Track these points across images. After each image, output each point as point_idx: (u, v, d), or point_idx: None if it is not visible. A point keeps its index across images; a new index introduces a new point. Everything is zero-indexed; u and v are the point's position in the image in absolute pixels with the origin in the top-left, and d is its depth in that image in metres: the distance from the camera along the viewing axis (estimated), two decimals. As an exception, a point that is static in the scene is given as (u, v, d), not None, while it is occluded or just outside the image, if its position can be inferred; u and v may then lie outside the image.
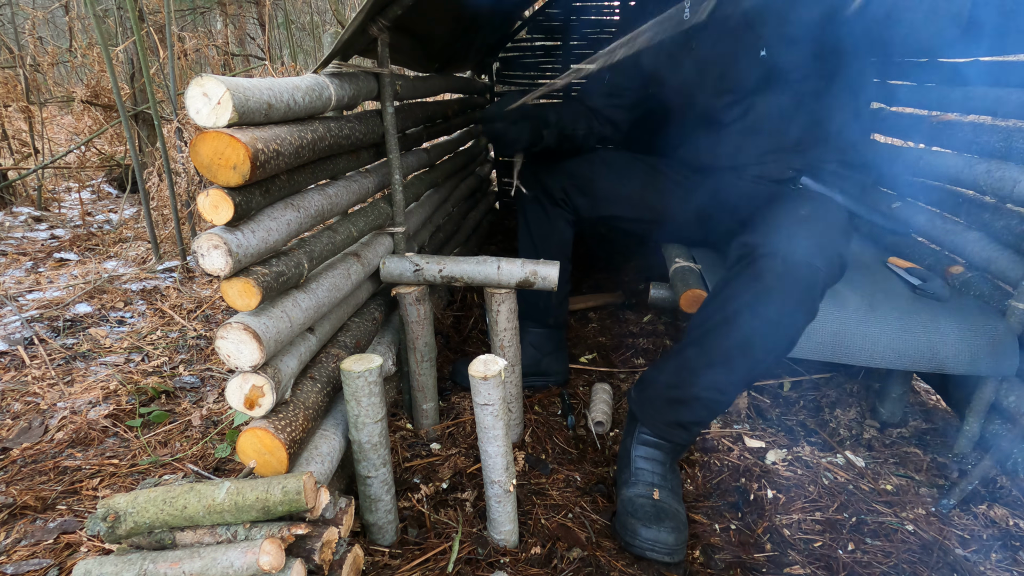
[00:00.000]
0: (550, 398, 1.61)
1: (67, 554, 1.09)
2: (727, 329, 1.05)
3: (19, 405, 1.56)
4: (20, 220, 3.11)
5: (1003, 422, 1.27)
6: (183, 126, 2.48)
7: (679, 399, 1.11)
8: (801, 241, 1.02)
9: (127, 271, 2.47)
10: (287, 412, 0.95)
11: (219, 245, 0.81)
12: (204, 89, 0.79)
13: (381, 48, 1.27)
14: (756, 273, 1.02)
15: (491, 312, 1.31)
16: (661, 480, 1.13)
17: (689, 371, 1.10)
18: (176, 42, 3.21)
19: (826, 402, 1.54)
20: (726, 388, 1.08)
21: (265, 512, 0.83)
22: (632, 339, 1.92)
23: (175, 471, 1.32)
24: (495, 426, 1.00)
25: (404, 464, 1.32)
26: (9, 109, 3.84)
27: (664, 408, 1.13)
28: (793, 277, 1.00)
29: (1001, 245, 1.29)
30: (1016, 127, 1.23)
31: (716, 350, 1.06)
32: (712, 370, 1.07)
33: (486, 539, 1.10)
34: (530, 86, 3.04)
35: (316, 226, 1.13)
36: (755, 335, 1.03)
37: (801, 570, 1.05)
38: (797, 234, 1.04)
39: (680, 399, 1.11)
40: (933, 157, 1.51)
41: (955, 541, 1.10)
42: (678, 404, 1.12)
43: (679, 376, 1.11)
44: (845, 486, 1.25)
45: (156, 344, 1.90)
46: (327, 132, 1.09)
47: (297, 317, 0.97)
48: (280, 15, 5.49)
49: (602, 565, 1.05)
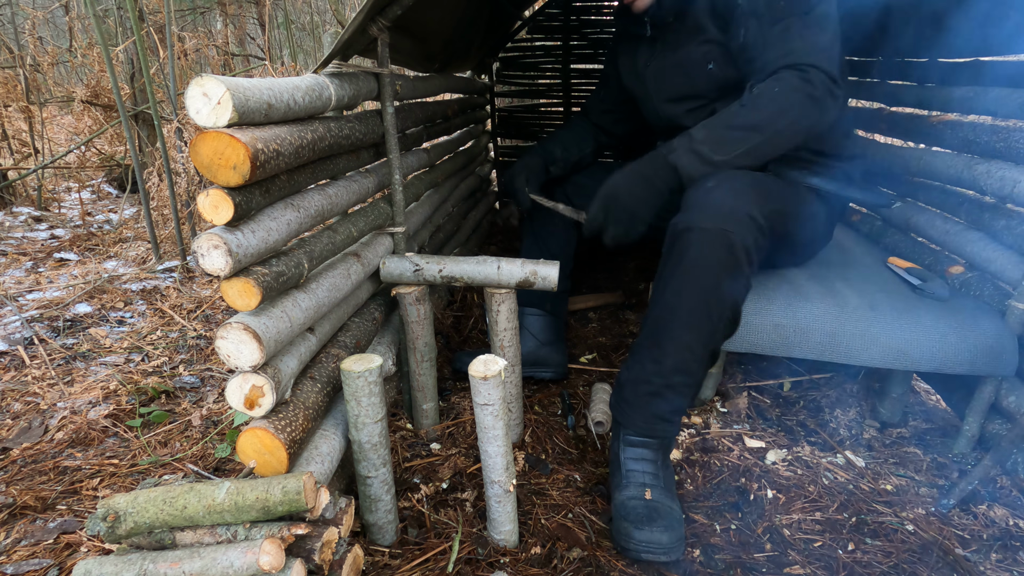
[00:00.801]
0: (550, 398, 1.61)
1: (67, 554, 1.09)
2: (670, 310, 1.10)
3: (19, 405, 1.56)
4: (20, 220, 3.11)
5: (1003, 422, 1.27)
6: (183, 126, 2.48)
7: (652, 392, 1.13)
8: (710, 211, 1.08)
9: (127, 271, 2.47)
10: (287, 412, 0.95)
11: (219, 245, 0.81)
12: (204, 89, 0.79)
13: (381, 48, 1.27)
14: (680, 251, 1.09)
15: (491, 312, 1.31)
16: (652, 479, 1.13)
17: (652, 362, 1.13)
18: (176, 42, 3.21)
19: (826, 402, 1.54)
20: (689, 368, 1.12)
21: (265, 512, 0.83)
22: (632, 339, 1.92)
23: (175, 471, 1.32)
24: (495, 426, 1.00)
25: (404, 464, 1.32)
26: (9, 109, 3.84)
27: (641, 405, 1.15)
28: (710, 245, 1.06)
29: (1001, 245, 1.29)
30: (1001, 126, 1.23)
31: (667, 334, 1.10)
32: (670, 355, 1.11)
33: (486, 539, 1.10)
34: (530, 86, 3.04)
35: (316, 226, 1.13)
36: (695, 310, 1.08)
37: (801, 570, 1.05)
38: (706, 205, 1.09)
39: (652, 392, 1.13)
40: (933, 157, 1.51)
41: (955, 541, 1.10)
42: (652, 397, 1.13)
43: (644, 369, 1.14)
44: (845, 486, 1.25)
45: (156, 344, 1.90)
46: (327, 132, 1.09)
47: (297, 317, 0.97)
48: (280, 15, 5.49)
49: (602, 565, 1.05)
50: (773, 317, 1.25)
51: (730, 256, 1.06)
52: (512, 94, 3.26)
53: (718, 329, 1.11)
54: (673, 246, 1.11)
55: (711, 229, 1.06)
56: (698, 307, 1.08)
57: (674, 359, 1.11)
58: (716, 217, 1.07)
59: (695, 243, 1.07)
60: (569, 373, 1.70)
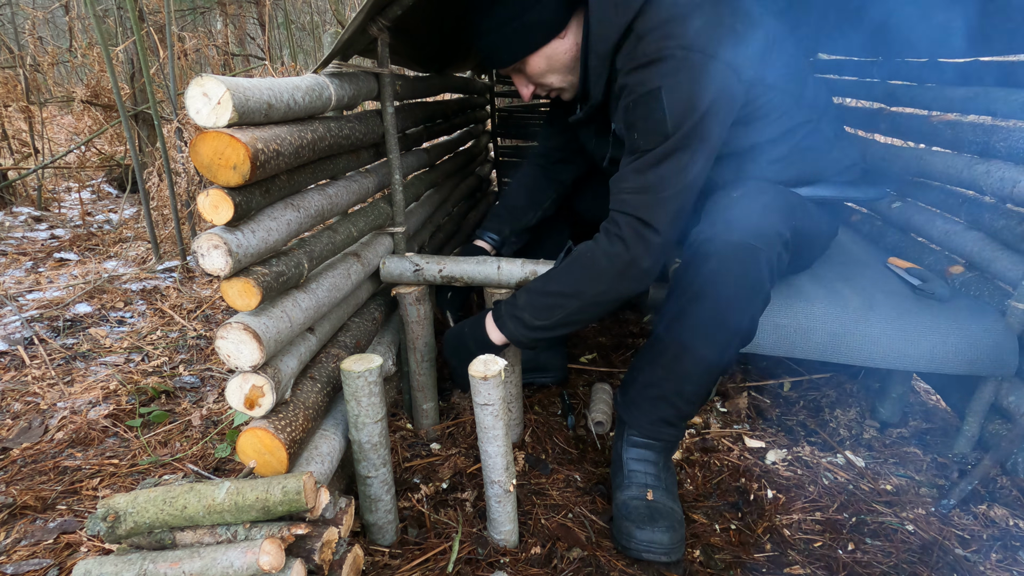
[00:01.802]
0: (550, 398, 1.61)
1: (67, 554, 1.09)
2: (686, 320, 1.07)
3: (19, 405, 1.56)
4: (20, 220, 3.11)
5: (1003, 422, 1.27)
6: (183, 126, 2.48)
7: (659, 396, 1.12)
8: (737, 223, 1.05)
9: (127, 271, 2.47)
10: (287, 412, 0.95)
11: (219, 245, 0.81)
12: (204, 89, 0.79)
13: (381, 48, 1.27)
14: (701, 261, 1.05)
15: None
16: (655, 480, 1.13)
17: (662, 367, 1.11)
18: (176, 42, 3.21)
19: (826, 402, 1.54)
20: (700, 378, 1.10)
21: (265, 512, 0.83)
22: (632, 339, 1.92)
23: (175, 471, 1.32)
24: (495, 426, 1.00)
25: (404, 464, 1.32)
26: (9, 109, 3.84)
27: (647, 407, 1.14)
28: (734, 259, 1.03)
29: (1001, 245, 1.29)
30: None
31: (680, 342, 1.08)
32: (681, 363, 1.09)
33: (486, 539, 1.10)
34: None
35: (316, 226, 1.13)
36: (712, 321, 1.06)
37: (801, 570, 1.05)
38: (733, 217, 1.06)
39: (660, 396, 1.12)
40: (933, 157, 1.51)
41: (955, 541, 1.10)
42: (659, 401, 1.13)
43: (654, 374, 1.13)
44: (845, 486, 1.25)
45: (156, 344, 1.90)
46: (327, 132, 1.09)
47: (297, 317, 0.97)
48: (280, 15, 5.49)
49: (602, 565, 1.05)
50: (774, 317, 1.25)
51: (755, 272, 1.03)
52: (512, 94, 3.26)
53: (733, 343, 1.09)
54: (695, 256, 1.07)
55: (738, 243, 1.03)
56: (716, 320, 1.05)
57: (686, 368, 1.09)
58: (744, 232, 1.03)
59: (717, 255, 1.04)
60: (569, 375, 1.70)
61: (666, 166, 1.05)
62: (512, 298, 1.18)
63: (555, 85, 1.26)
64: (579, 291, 1.11)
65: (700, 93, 1.02)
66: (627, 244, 1.07)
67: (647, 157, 1.06)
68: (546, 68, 1.22)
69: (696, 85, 1.02)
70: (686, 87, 1.02)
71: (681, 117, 1.03)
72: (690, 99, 1.02)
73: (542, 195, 1.66)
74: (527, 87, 1.27)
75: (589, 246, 1.12)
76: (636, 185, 1.07)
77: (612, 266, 1.09)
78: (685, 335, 1.08)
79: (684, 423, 1.16)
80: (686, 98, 1.02)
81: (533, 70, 1.22)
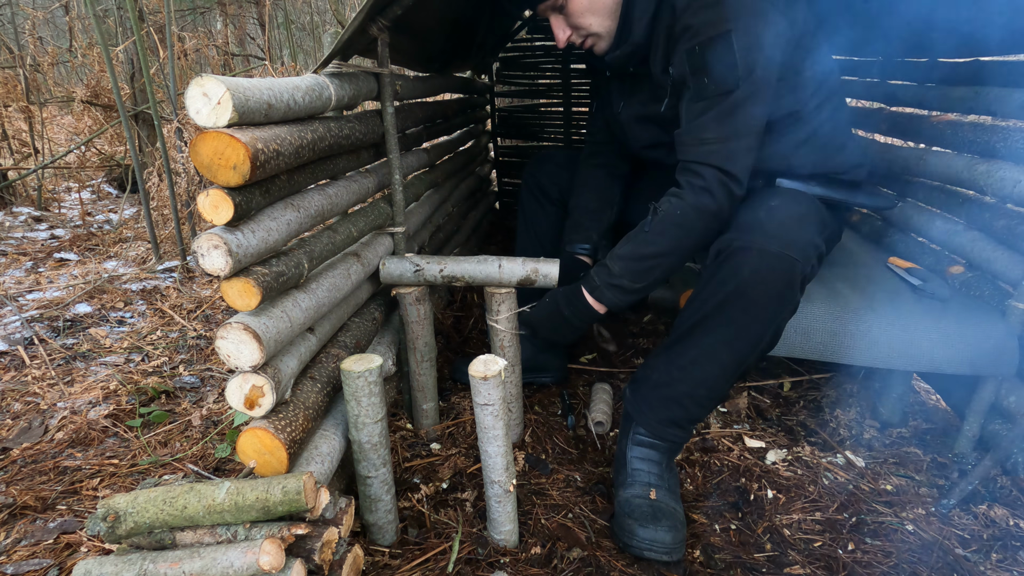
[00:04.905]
0: (550, 398, 1.61)
1: (67, 554, 1.09)
2: (711, 324, 1.06)
3: (19, 405, 1.56)
4: (20, 220, 3.11)
5: (1003, 422, 1.27)
6: (183, 126, 2.48)
7: (671, 397, 1.12)
8: (774, 233, 1.03)
9: (127, 271, 2.47)
10: (287, 412, 0.95)
11: (219, 245, 0.81)
12: (204, 89, 0.79)
13: (381, 48, 1.27)
14: (734, 268, 1.03)
15: (491, 312, 1.31)
16: (658, 480, 1.13)
17: (678, 368, 1.10)
18: (176, 42, 3.21)
19: (826, 402, 1.54)
20: (716, 383, 1.10)
21: (265, 512, 0.83)
22: (632, 339, 1.92)
23: (175, 471, 1.32)
24: (495, 426, 1.00)
25: (404, 464, 1.32)
26: (9, 109, 3.84)
27: (657, 407, 1.13)
28: (769, 269, 1.01)
29: (1001, 245, 1.29)
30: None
31: (701, 346, 1.07)
32: (699, 366, 1.08)
33: (486, 539, 1.10)
34: (530, 86, 3.04)
35: (316, 226, 1.13)
36: (738, 329, 1.04)
37: (801, 570, 1.05)
38: (769, 227, 1.05)
39: (672, 397, 1.12)
40: (933, 157, 1.51)
41: (955, 541, 1.10)
42: (671, 402, 1.12)
43: (669, 374, 1.12)
44: (845, 486, 1.25)
45: (156, 344, 1.90)
46: (327, 132, 1.09)
47: (297, 317, 0.97)
48: (280, 15, 5.49)
49: (602, 565, 1.05)
50: (773, 317, 1.25)
51: (789, 282, 1.02)
52: (512, 94, 3.26)
53: (756, 351, 1.07)
54: (726, 261, 1.05)
55: (773, 252, 1.01)
56: (744, 328, 1.04)
57: (704, 372, 1.08)
58: (780, 241, 1.01)
59: (752, 264, 1.01)
60: (569, 375, 1.70)
61: (741, 114, 1.07)
62: (603, 269, 1.20)
63: (593, 29, 1.22)
64: (675, 248, 1.14)
65: (766, 37, 1.03)
66: (714, 195, 1.09)
67: (724, 105, 1.06)
68: (588, 6, 1.19)
69: (763, 28, 1.03)
70: (754, 30, 1.03)
71: (752, 62, 1.04)
72: (758, 43, 1.03)
73: (610, 192, 1.63)
74: (564, 30, 1.24)
75: (677, 203, 1.13)
76: (718, 135, 1.08)
77: (701, 219, 1.11)
78: (708, 340, 1.06)
79: (692, 426, 1.15)
80: (755, 42, 1.03)
81: (575, 6, 1.19)
